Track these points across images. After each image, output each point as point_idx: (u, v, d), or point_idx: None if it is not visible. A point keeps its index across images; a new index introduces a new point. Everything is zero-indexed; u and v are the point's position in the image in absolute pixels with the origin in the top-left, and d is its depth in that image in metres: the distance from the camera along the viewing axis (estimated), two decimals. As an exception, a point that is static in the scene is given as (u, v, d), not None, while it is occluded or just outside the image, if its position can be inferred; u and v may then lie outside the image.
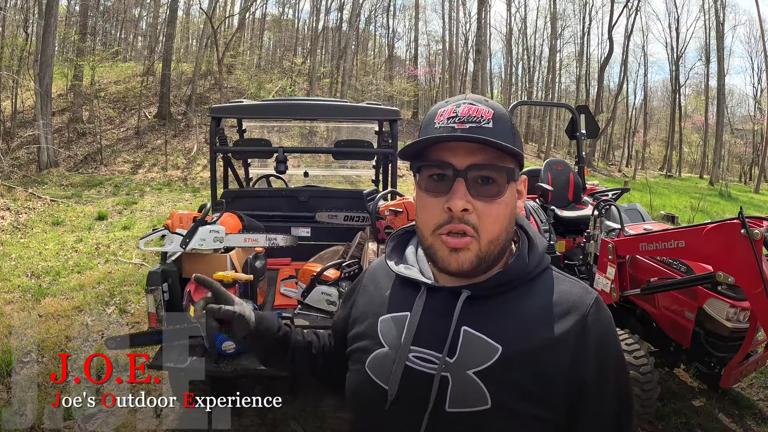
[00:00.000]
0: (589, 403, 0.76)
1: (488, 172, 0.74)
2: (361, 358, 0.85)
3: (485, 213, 0.74)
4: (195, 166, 14.17)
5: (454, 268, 0.76)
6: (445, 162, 0.74)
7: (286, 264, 3.71)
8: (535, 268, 0.80)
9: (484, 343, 0.75)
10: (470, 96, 0.78)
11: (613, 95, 30.48)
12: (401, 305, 0.84)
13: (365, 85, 26.40)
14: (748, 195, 20.16)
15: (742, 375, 2.80)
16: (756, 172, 26.92)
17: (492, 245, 0.76)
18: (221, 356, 2.42)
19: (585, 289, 0.81)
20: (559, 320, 0.76)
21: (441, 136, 0.74)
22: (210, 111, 3.54)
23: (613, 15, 26.41)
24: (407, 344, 0.78)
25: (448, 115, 0.75)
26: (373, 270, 0.97)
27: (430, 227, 0.76)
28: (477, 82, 19.84)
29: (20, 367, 3.59)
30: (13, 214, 8.08)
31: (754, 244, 2.32)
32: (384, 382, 0.79)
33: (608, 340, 0.78)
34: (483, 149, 0.74)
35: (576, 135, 5.16)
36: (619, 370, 0.80)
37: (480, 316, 0.77)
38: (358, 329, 0.90)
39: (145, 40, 27.34)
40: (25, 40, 15.38)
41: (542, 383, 0.74)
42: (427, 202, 0.76)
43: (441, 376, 0.75)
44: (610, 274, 3.30)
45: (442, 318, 0.78)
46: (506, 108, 0.88)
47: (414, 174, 0.80)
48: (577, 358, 0.74)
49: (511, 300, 0.78)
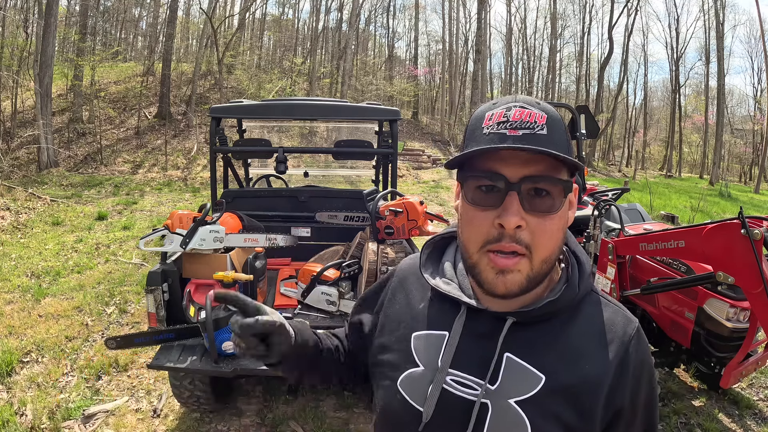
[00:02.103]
0: (620, 428, 0.75)
1: (544, 184, 0.68)
2: (391, 375, 0.81)
3: (539, 230, 0.68)
4: (195, 166, 14.17)
5: (501, 291, 0.71)
6: (497, 173, 0.68)
7: (286, 264, 3.71)
8: (582, 293, 0.76)
9: (527, 372, 0.73)
10: (520, 97, 0.71)
11: (613, 95, 30.48)
12: (438, 323, 0.80)
13: (365, 85, 26.39)
14: (748, 195, 20.16)
15: (742, 375, 2.80)
16: (756, 172, 26.92)
17: (544, 264, 0.71)
18: (221, 356, 2.42)
19: (627, 319, 0.78)
20: (602, 351, 0.74)
21: (495, 146, 0.66)
22: (210, 111, 3.54)
23: (613, 15, 26.43)
24: (445, 367, 0.75)
25: (497, 119, 0.68)
26: (402, 275, 0.91)
27: (478, 244, 0.70)
28: (477, 82, 19.83)
29: (20, 367, 3.59)
30: (13, 214, 8.08)
31: (754, 244, 2.32)
32: (418, 403, 0.76)
33: (645, 369, 0.77)
34: (539, 159, 0.67)
35: (576, 135, 5.16)
36: (651, 398, 0.78)
37: (524, 343, 0.74)
38: (386, 339, 0.85)
39: (145, 40, 27.35)
40: (25, 40, 15.38)
41: (582, 415, 0.72)
42: (475, 216, 0.70)
43: (481, 403, 0.72)
44: (610, 274, 3.30)
45: (483, 342, 0.75)
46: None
47: (458, 183, 0.74)
48: (617, 386, 0.73)
49: (557, 327, 0.75)
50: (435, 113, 30.56)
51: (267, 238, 2.96)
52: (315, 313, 2.88)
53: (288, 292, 3.10)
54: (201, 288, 2.71)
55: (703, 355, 2.97)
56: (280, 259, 3.71)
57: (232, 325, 0.78)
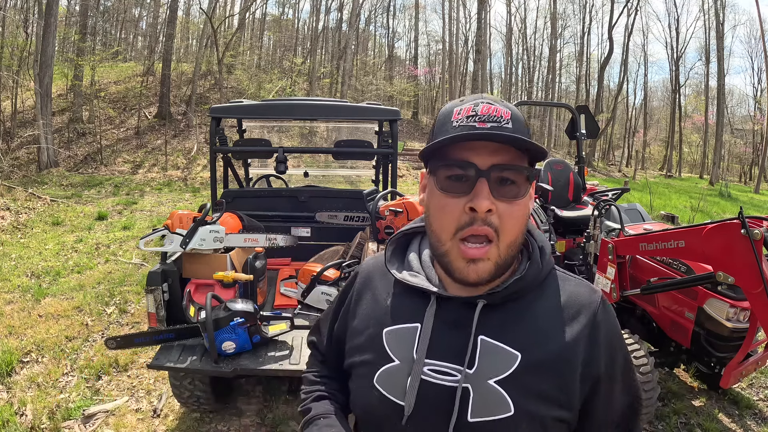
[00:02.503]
0: (601, 397, 0.78)
1: (510, 173, 0.72)
2: (367, 374, 0.81)
3: (507, 214, 0.72)
4: (195, 166, 14.17)
5: (473, 279, 0.74)
6: (467, 162, 0.71)
7: (286, 264, 3.71)
8: (545, 271, 0.80)
9: (503, 352, 0.75)
10: (486, 95, 0.76)
11: (613, 95, 30.49)
12: (408, 316, 0.81)
13: (365, 85, 26.40)
14: (748, 195, 20.16)
15: (742, 375, 2.80)
16: (756, 172, 26.92)
17: (510, 249, 0.74)
18: (221, 356, 2.42)
19: (591, 289, 0.82)
20: (572, 322, 0.77)
21: (469, 133, 0.70)
22: (210, 111, 3.54)
23: (613, 15, 26.44)
24: (422, 358, 0.76)
25: (466, 113, 0.73)
26: (367, 275, 0.92)
27: (450, 230, 0.73)
28: (477, 82, 19.82)
29: (20, 367, 3.59)
30: (13, 214, 8.08)
31: (754, 244, 2.32)
32: (398, 397, 0.77)
33: (615, 336, 0.80)
34: (505, 149, 0.72)
35: (576, 135, 5.16)
36: (627, 364, 0.82)
37: (496, 325, 0.76)
38: (358, 340, 0.85)
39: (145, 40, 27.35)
40: (25, 40, 15.38)
41: (561, 386, 0.74)
42: (447, 203, 0.73)
43: (462, 388, 0.73)
44: (610, 274, 3.30)
45: (455, 329, 0.77)
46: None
47: (428, 173, 0.77)
48: (590, 356, 0.76)
49: (524, 305, 0.78)
50: (435, 113, 30.54)
51: (267, 238, 2.96)
52: (315, 313, 2.87)
53: (288, 292, 3.10)
54: (201, 288, 2.71)
55: (703, 355, 2.97)
56: (280, 259, 3.71)
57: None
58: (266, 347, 2.51)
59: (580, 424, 0.79)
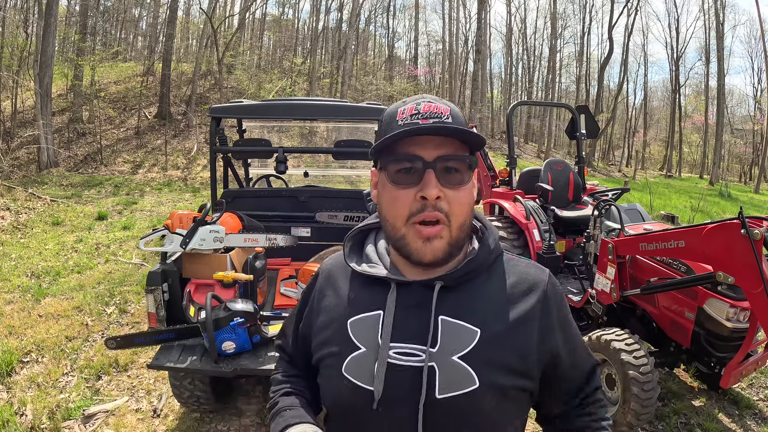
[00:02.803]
0: (564, 371, 0.86)
1: (454, 162, 0.79)
2: (335, 364, 0.84)
3: (454, 200, 0.79)
4: (195, 166, 14.17)
5: (429, 258, 0.79)
6: (415, 155, 0.78)
7: (286, 264, 3.71)
8: (494, 253, 0.87)
9: (463, 329, 0.80)
10: (426, 95, 0.83)
11: (613, 95, 30.47)
12: (370, 305, 0.85)
13: (365, 85, 26.40)
14: (748, 195, 20.16)
15: (742, 375, 2.80)
16: (756, 172, 26.91)
17: (461, 230, 0.81)
18: (221, 356, 2.42)
19: (539, 268, 0.90)
20: (525, 297, 0.84)
21: (417, 128, 0.77)
22: (210, 111, 3.53)
23: (613, 15, 26.40)
24: (387, 342, 0.80)
25: (410, 112, 0.79)
26: (327, 273, 0.96)
27: (404, 217, 0.79)
28: (477, 82, 19.83)
29: (20, 367, 3.59)
30: (13, 214, 8.08)
31: (754, 244, 2.32)
32: (367, 383, 0.80)
33: (565, 304, 0.89)
34: (448, 142, 0.79)
35: (576, 135, 5.16)
36: (579, 337, 0.91)
37: (454, 304, 0.82)
38: (324, 335, 0.88)
39: (145, 40, 27.36)
40: (25, 40, 15.38)
41: (520, 356, 0.81)
42: (399, 194, 0.79)
43: (428, 366, 0.78)
44: (610, 274, 3.30)
45: (416, 311, 0.81)
46: (506, 108, 0.90)
47: (378, 170, 0.84)
48: (545, 329, 0.83)
49: (478, 285, 0.84)
50: (435, 113, 30.46)
51: (267, 238, 2.96)
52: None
53: (288, 292, 3.10)
54: (201, 288, 2.71)
55: (703, 355, 2.97)
56: (280, 259, 3.71)
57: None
58: (266, 347, 2.51)
59: (544, 392, 0.86)
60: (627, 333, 2.97)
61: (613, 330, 3.02)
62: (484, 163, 5.50)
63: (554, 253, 4.15)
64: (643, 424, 2.92)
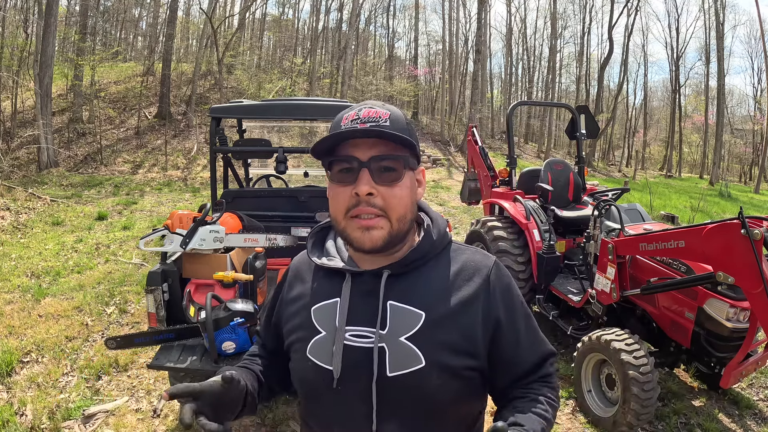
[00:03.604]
0: (505, 331, 0.92)
1: (387, 162, 0.86)
2: (301, 347, 0.93)
3: (389, 195, 0.86)
4: (195, 166, 14.17)
5: (368, 246, 0.86)
6: (351, 156, 0.86)
7: (286, 264, 3.70)
8: (440, 243, 0.94)
9: (409, 312, 0.88)
10: (370, 101, 0.91)
11: (613, 95, 30.46)
12: (330, 293, 0.94)
13: (365, 85, 26.38)
14: (748, 195, 20.15)
15: (742, 375, 2.80)
16: (756, 172, 26.91)
17: (400, 223, 0.88)
18: (221, 356, 2.42)
19: (485, 255, 0.97)
20: (469, 282, 0.91)
21: (342, 132, 0.85)
22: (210, 111, 3.53)
23: (613, 15, 26.39)
24: (342, 325, 0.89)
25: (351, 118, 0.87)
26: (295, 269, 1.06)
27: (342, 212, 0.87)
28: (477, 82, 19.82)
29: (20, 367, 3.59)
30: (13, 214, 8.08)
31: (754, 244, 2.32)
32: (327, 363, 0.88)
33: (511, 289, 0.95)
34: (383, 143, 0.86)
35: (576, 135, 5.16)
36: (521, 304, 0.96)
37: (401, 290, 0.90)
38: (293, 323, 0.98)
39: (145, 40, 27.36)
40: (25, 40, 15.37)
41: (465, 336, 0.88)
42: (338, 192, 0.88)
43: (378, 347, 0.86)
44: (610, 274, 3.30)
45: (368, 298, 0.90)
46: (506, 108, 0.92)
47: (326, 170, 0.91)
48: (488, 306, 0.90)
49: (425, 272, 0.92)
50: (435, 113, 30.52)
51: (267, 238, 2.96)
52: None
53: (288, 292, 3.09)
54: (201, 288, 2.71)
55: (703, 355, 2.97)
56: (280, 259, 3.71)
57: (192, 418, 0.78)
58: (266, 347, 2.50)
59: (492, 370, 0.92)
60: (627, 333, 2.97)
61: (613, 330, 3.02)
62: (484, 163, 5.50)
63: (554, 253, 4.15)
64: (643, 424, 2.92)
